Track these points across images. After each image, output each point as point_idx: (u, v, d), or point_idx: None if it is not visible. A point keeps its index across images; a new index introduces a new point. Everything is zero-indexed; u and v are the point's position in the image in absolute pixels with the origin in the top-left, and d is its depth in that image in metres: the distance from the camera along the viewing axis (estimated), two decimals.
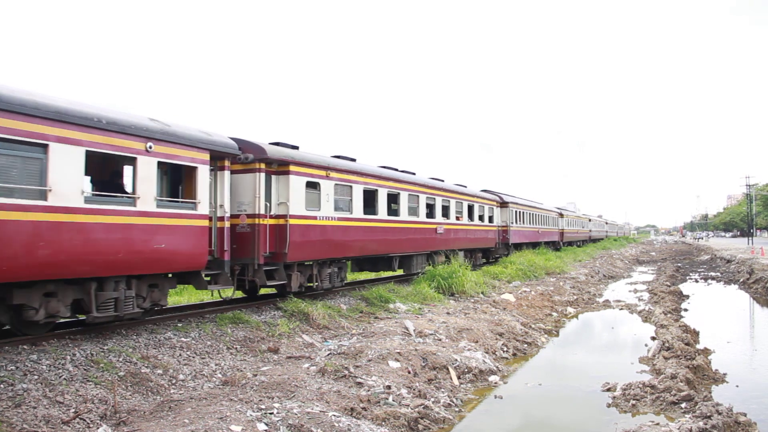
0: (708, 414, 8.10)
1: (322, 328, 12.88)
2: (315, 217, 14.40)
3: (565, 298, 22.60)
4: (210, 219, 11.45)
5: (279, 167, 13.58)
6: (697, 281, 33.49)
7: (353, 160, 17.30)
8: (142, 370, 8.71)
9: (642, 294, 26.07)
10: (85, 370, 8.30)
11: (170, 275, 11.21)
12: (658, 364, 11.96)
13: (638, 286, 30.11)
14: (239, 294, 14.75)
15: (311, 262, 14.76)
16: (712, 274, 37.74)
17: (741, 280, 31.84)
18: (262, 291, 15.09)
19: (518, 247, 35.45)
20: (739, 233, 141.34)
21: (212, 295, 15.20)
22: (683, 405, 9.30)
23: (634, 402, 9.75)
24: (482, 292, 20.25)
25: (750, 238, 78.47)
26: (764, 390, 11.20)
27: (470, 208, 26.67)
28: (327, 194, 14.92)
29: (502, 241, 31.94)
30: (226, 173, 12.05)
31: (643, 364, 12.64)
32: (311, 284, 15.09)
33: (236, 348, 10.69)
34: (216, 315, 12.07)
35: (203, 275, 11.48)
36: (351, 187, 16.12)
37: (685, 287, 28.84)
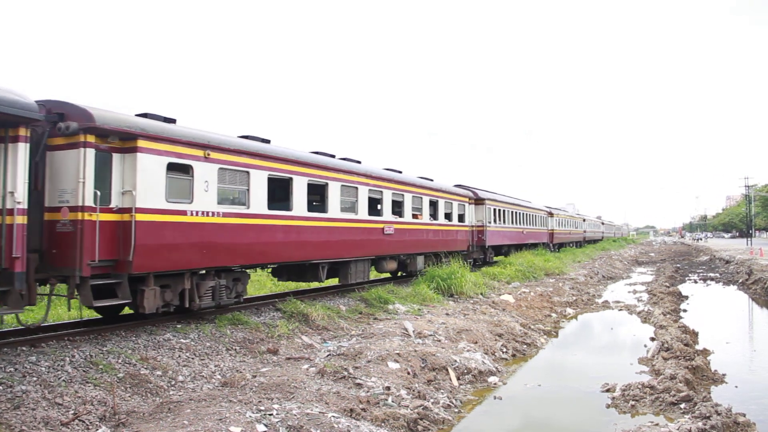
0: (707, 414, 8.11)
1: (322, 329, 12.89)
2: (183, 212, 10.91)
3: (564, 299, 22.61)
4: None
5: (123, 142, 10.04)
6: (696, 282, 33.55)
7: (267, 141, 13.89)
8: (142, 372, 8.71)
9: (641, 295, 26.10)
10: (84, 371, 8.29)
11: None
12: (658, 365, 11.98)
13: (637, 286, 30.16)
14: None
15: (185, 272, 11.22)
16: (711, 274, 37.81)
17: (740, 280, 31.93)
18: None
19: (498, 250, 31.99)
20: (738, 234, 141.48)
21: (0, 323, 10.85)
22: (682, 405, 9.32)
23: (633, 403, 9.76)
24: (481, 293, 20.26)
25: (749, 239, 78.61)
26: (763, 390, 11.23)
27: (433, 205, 22.55)
28: (205, 181, 11.41)
29: (477, 243, 27.91)
30: (21, 147, 8.53)
31: (642, 365, 12.66)
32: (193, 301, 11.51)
33: (235, 349, 10.69)
34: (215, 316, 12.07)
35: None
36: (248, 173, 12.54)
37: (684, 288, 28.90)
